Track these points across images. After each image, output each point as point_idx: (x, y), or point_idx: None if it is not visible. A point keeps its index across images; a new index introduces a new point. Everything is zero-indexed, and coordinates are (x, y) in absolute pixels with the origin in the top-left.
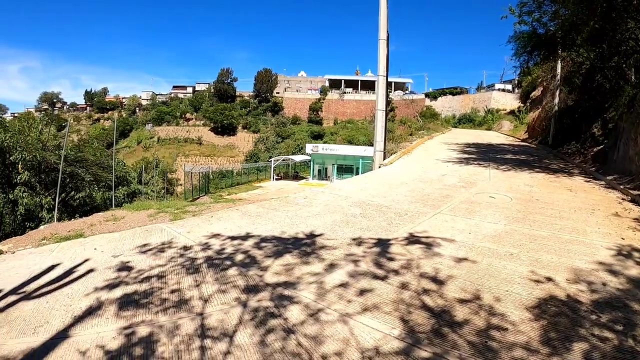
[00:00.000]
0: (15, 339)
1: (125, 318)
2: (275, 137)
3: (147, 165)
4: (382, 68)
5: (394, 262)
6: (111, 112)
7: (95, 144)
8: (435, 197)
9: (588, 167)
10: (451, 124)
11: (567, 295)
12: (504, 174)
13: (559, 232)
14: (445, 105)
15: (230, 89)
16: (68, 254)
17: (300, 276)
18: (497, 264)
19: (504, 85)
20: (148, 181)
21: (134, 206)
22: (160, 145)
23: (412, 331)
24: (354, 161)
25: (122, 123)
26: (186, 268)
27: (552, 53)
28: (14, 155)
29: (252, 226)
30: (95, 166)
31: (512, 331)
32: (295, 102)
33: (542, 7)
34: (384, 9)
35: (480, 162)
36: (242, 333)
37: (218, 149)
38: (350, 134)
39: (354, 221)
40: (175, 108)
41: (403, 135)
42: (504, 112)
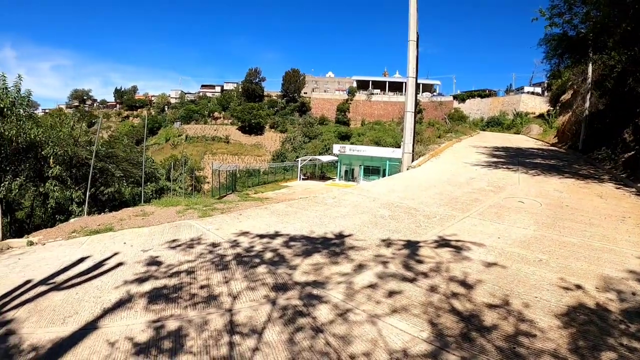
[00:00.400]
0: (44, 328)
1: (154, 312)
2: (302, 137)
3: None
4: (411, 69)
5: (423, 265)
6: (140, 110)
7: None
8: (464, 200)
9: (619, 173)
10: (479, 127)
11: (596, 303)
12: (533, 179)
13: (588, 239)
14: (474, 108)
15: (258, 88)
16: (98, 247)
17: (329, 276)
18: (526, 269)
19: (533, 88)
20: (176, 178)
21: (162, 202)
22: (188, 143)
23: (440, 334)
24: (381, 163)
25: (151, 121)
26: (215, 264)
27: (583, 56)
28: (45, 149)
29: (280, 225)
30: (125, 162)
31: (540, 338)
32: (323, 103)
33: (572, 9)
34: (414, 10)
35: (509, 166)
36: (271, 330)
37: (245, 148)
38: (377, 135)
39: (383, 222)
40: (204, 107)
41: (431, 138)
42: (533, 115)
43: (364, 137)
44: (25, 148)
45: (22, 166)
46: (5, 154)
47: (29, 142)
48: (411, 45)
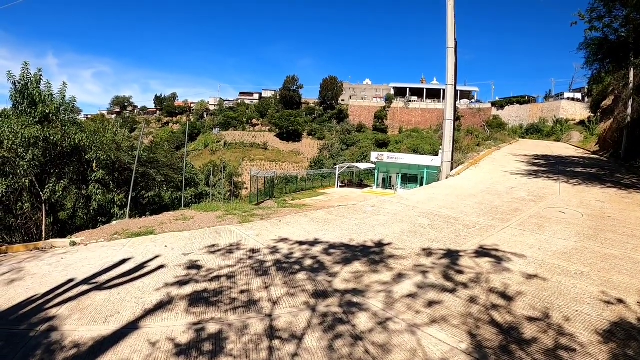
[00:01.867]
0: (86, 326)
1: (195, 314)
2: (340, 144)
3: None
4: (450, 77)
5: (462, 275)
6: (180, 116)
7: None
8: (504, 210)
9: None
10: (518, 134)
11: (637, 318)
12: (574, 189)
13: (631, 252)
14: (512, 115)
15: (296, 95)
16: (139, 249)
17: (369, 284)
18: (567, 282)
19: (573, 94)
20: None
21: (202, 207)
22: (227, 149)
23: (479, 346)
24: (418, 171)
25: (190, 127)
26: (255, 270)
27: (624, 60)
28: (89, 154)
29: (320, 232)
30: (166, 167)
31: (580, 352)
32: (360, 110)
33: (612, 12)
34: (451, 16)
35: (550, 175)
36: (310, 337)
37: (283, 155)
38: (415, 143)
39: (422, 232)
40: (242, 113)
41: (470, 146)
42: (573, 122)
43: (402, 145)
44: (69, 152)
45: (67, 169)
46: (50, 157)
47: (73, 147)
48: (449, 53)
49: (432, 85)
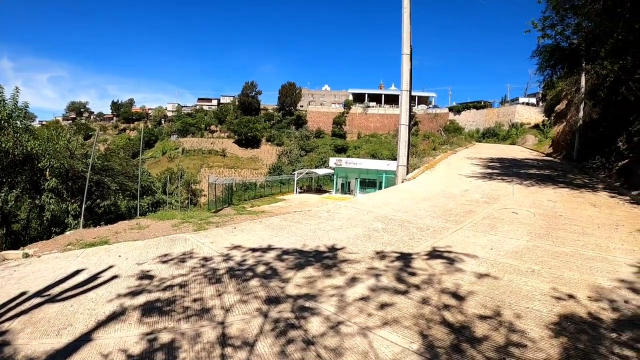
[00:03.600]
0: (39, 339)
1: (147, 324)
2: (298, 150)
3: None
4: (405, 83)
5: (415, 277)
6: (137, 123)
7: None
8: (458, 212)
9: (613, 182)
10: (475, 139)
11: (588, 312)
12: (527, 190)
13: (581, 249)
14: (469, 120)
15: (255, 102)
16: (93, 259)
17: (322, 289)
18: (519, 280)
19: (528, 99)
20: (172, 191)
21: (158, 215)
22: (185, 156)
23: (431, 346)
24: (377, 175)
25: (147, 133)
26: (208, 278)
27: (575, 66)
28: (42, 162)
29: (274, 238)
30: (121, 175)
31: (531, 348)
32: (319, 116)
33: (564, 20)
34: (407, 24)
35: (504, 177)
36: (263, 343)
37: (241, 161)
38: (373, 148)
39: (376, 235)
40: (200, 120)
41: (426, 150)
42: (528, 126)
43: (360, 150)
44: (21, 160)
45: (19, 178)
46: (1, 165)
47: (25, 155)
48: (405, 59)
49: (391, 90)
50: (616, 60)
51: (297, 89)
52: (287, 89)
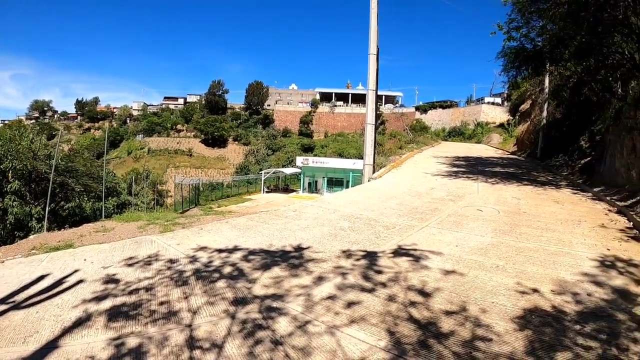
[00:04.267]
0: (4, 348)
1: (114, 329)
2: (265, 149)
3: (137, 177)
4: (372, 82)
5: (381, 275)
6: (102, 122)
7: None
8: (424, 210)
9: (575, 179)
10: (441, 137)
11: (552, 306)
12: (492, 187)
13: (545, 244)
14: (435, 119)
15: (222, 100)
16: (58, 264)
17: (289, 289)
18: (484, 276)
19: (493, 99)
20: (138, 192)
21: (124, 217)
22: (151, 156)
23: (398, 342)
24: (344, 174)
25: (112, 133)
26: (175, 280)
27: (540, 67)
28: (4, 163)
29: (241, 239)
30: (85, 176)
31: (497, 342)
32: (286, 115)
33: (529, 22)
34: (374, 24)
35: (469, 175)
36: (231, 344)
37: (208, 161)
38: (340, 147)
39: (343, 234)
40: (166, 119)
41: (393, 149)
42: (494, 125)
43: (327, 149)
44: None
45: None
46: None
47: None
48: (371, 59)
49: (358, 90)
50: (579, 62)
51: (264, 88)
52: (254, 87)
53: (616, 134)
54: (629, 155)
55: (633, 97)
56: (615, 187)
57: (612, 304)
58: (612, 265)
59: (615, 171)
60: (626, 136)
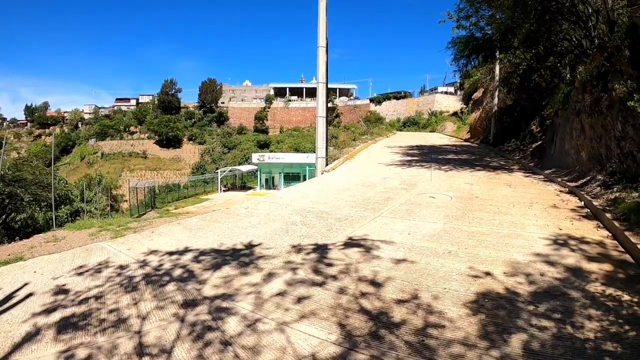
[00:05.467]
0: None
1: (64, 341)
2: (221, 148)
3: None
4: (321, 75)
5: (332, 268)
6: (53, 128)
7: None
8: (377, 200)
9: (527, 162)
10: (396, 128)
11: (505, 288)
12: (445, 174)
13: (497, 227)
14: (390, 110)
15: (175, 100)
16: (7, 278)
17: (239, 287)
18: (436, 262)
19: (446, 88)
20: (91, 199)
21: (75, 225)
22: (105, 160)
23: (349, 335)
24: (300, 169)
25: (64, 139)
26: (124, 287)
27: (490, 56)
28: None
29: (192, 239)
30: (34, 185)
31: (450, 328)
32: (241, 112)
33: (479, 11)
34: (323, 16)
35: (423, 164)
36: (180, 348)
37: (164, 162)
38: (296, 142)
39: (294, 229)
40: (119, 121)
41: (346, 141)
42: (447, 114)
43: (283, 144)
44: None
45: None
46: None
47: None
48: (321, 52)
49: (312, 84)
50: (528, 49)
51: (218, 85)
52: (208, 85)
53: (565, 117)
54: (578, 137)
55: (581, 81)
56: (566, 169)
57: (566, 283)
58: (565, 244)
59: (566, 153)
60: (575, 119)
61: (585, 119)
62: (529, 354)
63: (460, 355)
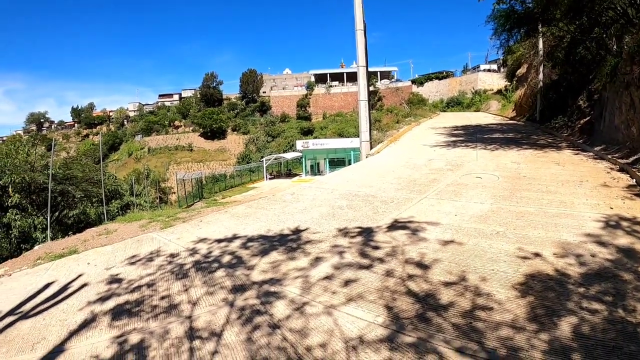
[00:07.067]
0: (14, 357)
1: (117, 327)
2: (265, 136)
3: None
4: (361, 58)
5: (378, 251)
6: (99, 127)
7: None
8: (422, 182)
9: (576, 139)
10: (439, 109)
11: (554, 269)
12: (491, 154)
13: (546, 207)
14: (432, 90)
15: (217, 92)
16: (62, 270)
17: (286, 272)
18: (483, 243)
19: (489, 66)
20: (140, 192)
21: (126, 218)
22: (152, 155)
23: (396, 318)
24: (345, 154)
25: (111, 137)
26: (175, 274)
27: (532, 29)
28: (3, 179)
29: (240, 227)
30: (84, 182)
31: (498, 310)
32: (283, 100)
33: None
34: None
35: (468, 144)
36: (229, 332)
37: (209, 154)
38: (339, 127)
39: (340, 213)
40: (163, 117)
41: (390, 124)
42: (491, 92)
43: (327, 130)
44: None
45: None
46: None
47: None
48: (359, 35)
49: (352, 68)
50: (572, 21)
51: (258, 75)
52: (248, 76)
53: (614, 90)
54: (628, 112)
55: (628, 52)
56: (616, 145)
57: (617, 264)
58: (617, 225)
59: (615, 128)
60: (624, 92)
61: (635, 91)
62: (578, 338)
63: (508, 338)
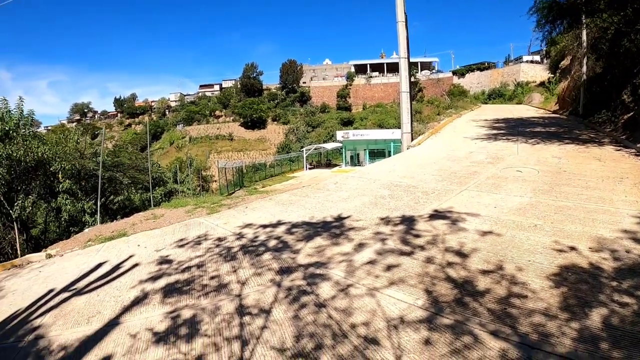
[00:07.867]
0: (70, 329)
1: (170, 304)
2: (305, 126)
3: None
4: (402, 50)
5: (419, 239)
6: (141, 117)
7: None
8: (463, 174)
9: (619, 135)
10: (480, 100)
11: (589, 263)
12: (532, 148)
13: (584, 202)
14: (474, 82)
15: (257, 82)
16: (113, 252)
17: (331, 256)
18: (521, 235)
19: (532, 57)
20: (183, 180)
21: (172, 204)
22: (193, 144)
23: (435, 301)
24: (385, 145)
25: (153, 126)
26: (223, 256)
27: (575, 21)
28: (54, 166)
29: (284, 213)
30: (131, 169)
31: (532, 298)
32: (323, 90)
33: None
34: None
35: (509, 137)
36: (277, 309)
37: (249, 143)
38: (380, 118)
39: (382, 202)
40: (204, 106)
41: (431, 115)
42: (534, 84)
43: (367, 121)
44: (34, 166)
45: (33, 184)
46: (15, 174)
47: (37, 160)
48: (400, 27)
49: (392, 59)
50: (616, 12)
51: (298, 66)
52: (288, 66)
53: None
54: None
55: None
56: None
57: None
58: None
59: None
60: None
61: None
62: (608, 328)
63: (540, 324)
